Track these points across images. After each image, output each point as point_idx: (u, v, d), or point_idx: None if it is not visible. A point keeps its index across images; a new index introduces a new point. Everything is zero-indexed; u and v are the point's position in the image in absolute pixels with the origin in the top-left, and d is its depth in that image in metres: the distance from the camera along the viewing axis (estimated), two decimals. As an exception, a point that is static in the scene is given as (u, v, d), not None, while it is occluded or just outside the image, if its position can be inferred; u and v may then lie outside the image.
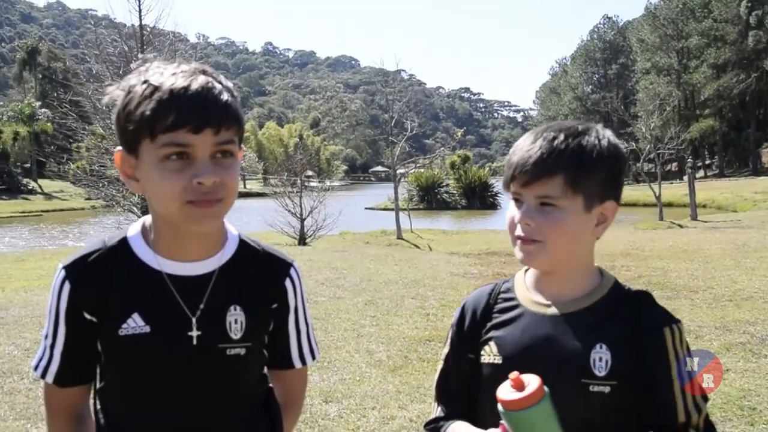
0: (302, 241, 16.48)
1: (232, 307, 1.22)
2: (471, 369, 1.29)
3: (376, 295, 7.65)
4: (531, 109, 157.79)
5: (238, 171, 1.17)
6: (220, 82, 1.14)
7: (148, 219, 1.25)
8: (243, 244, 1.28)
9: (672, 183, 38.84)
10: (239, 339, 1.21)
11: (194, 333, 1.18)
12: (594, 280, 1.26)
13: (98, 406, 1.26)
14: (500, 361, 1.24)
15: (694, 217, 19.72)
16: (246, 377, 1.27)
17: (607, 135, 1.22)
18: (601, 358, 1.17)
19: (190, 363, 1.19)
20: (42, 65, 64.81)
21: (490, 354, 1.26)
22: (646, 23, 61.01)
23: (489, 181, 37.02)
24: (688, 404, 1.18)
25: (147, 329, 1.17)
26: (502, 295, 1.31)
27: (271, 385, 1.36)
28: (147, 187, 1.16)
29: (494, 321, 1.29)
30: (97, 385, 1.25)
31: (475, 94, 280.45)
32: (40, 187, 47.59)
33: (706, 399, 1.21)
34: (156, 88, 1.09)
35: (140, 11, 11.52)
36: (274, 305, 1.29)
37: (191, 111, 1.08)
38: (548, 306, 1.24)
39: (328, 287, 8.13)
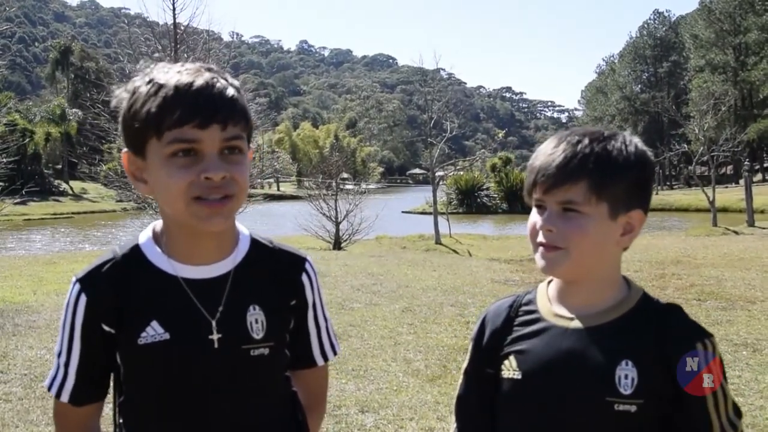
0: (337, 245, 16.45)
1: (251, 307, 1.20)
2: (491, 385, 1.27)
3: (414, 302, 7.56)
4: (576, 109, 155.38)
5: (248, 168, 1.16)
6: (225, 79, 1.14)
7: (158, 224, 1.24)
8: (255, 243, 1.27)
9: (727, 187, 37.62)
10: (261, 339, 1.20)
11: (215, 336, 1.17)
12: (620, 291, 1.21)
13: (120, 420, 1.23)
14: (519, 377, 1.21)
15: (751, 223, 19.03)
16: (271, 379, 1.25)
17: (635, 141, 1.20)
18: (626, 375, 1.13)
19: (214, 367, 1.17)
20: (75, 65, 64.72)
21: (509, 369, 1.23)
22: (700, 18, 59.17)
23: (530, 184, 36.54)
24: (723, 423, 1.15)
25: (167, 336, 1.15)
26: (524, 308, 1.28)
27: (294, 388, 1.34)
28: (155, 188, 1.14)
29: (515, 334, 1.25)
30: (118, 400, 1.23)
31: (517, 94, 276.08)
32: (71, 188, 47.98)
33: (739, 414, 1.18)
34: (161, 86, 1.09)
35: (174, 9, 11.51)
36: (293, 302, 1.28)
37: (197, 106, 1.08)
38: (571, 319, 1.20)
39: (364, 293, 8.08)
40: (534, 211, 1.21)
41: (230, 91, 1.11)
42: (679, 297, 7.40)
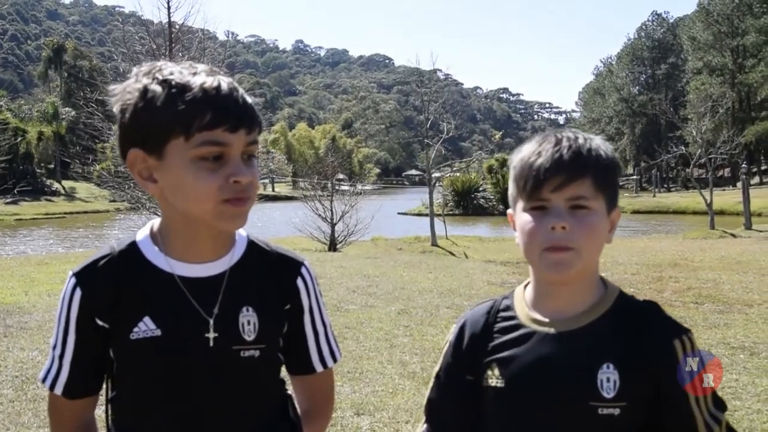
0: (333, 246, 16.42)
1: (244, 308, 1.20)
2: (468, 392, 1.24)
3: (410, 304, 7.53)
4: (573, 111, 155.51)
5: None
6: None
7: (156, 222, 1.24)
8: (252, 245, 1.27)
9: (724, 190, 37.80)
10: (253, 341, 1.20)
11: (211, 335, 1.17)
12: (598, 291, 1.20)
13: (111, 417, 1.23)
14: (502, 385, 1.19)
15: (749, 226, 19.12)
16: (261, 381, 1.25)
17: (606, 142, 1.22)
18: (608, 378, 1.12)
19: (206, 366, 1.17)
20: (68, 63, 64.08)
21: (492, 377, 1.21)
22: (698, 20, 59.15)
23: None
24: (705, 418, 1.13)
25: (158, 332, 1.16)
26: (502, 314, 1.25)
27: (290, 392, 1.34)
28: (173, 188, 1.13)
29: (495, 342, 1.23)
30: (109, 395, 1.23)
31: (514, 95, 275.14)
32: (63, 188, 47.68)
33: (720, 407, 1.16)
34: (184, 87, 1.09)
35: (169, 8, 11.41)
36: (287, 306, 1.27)
37: (228, 110, 1.09)
38: (551, 323, 1.18)
39: (360, 295, 8.05)
40: (527, 216, 1.15)
41: (249, 98, 1.15)
42: (677, 300, 7.40)
